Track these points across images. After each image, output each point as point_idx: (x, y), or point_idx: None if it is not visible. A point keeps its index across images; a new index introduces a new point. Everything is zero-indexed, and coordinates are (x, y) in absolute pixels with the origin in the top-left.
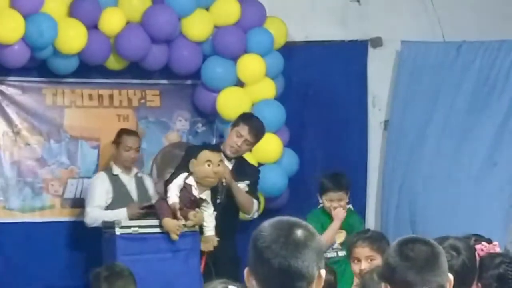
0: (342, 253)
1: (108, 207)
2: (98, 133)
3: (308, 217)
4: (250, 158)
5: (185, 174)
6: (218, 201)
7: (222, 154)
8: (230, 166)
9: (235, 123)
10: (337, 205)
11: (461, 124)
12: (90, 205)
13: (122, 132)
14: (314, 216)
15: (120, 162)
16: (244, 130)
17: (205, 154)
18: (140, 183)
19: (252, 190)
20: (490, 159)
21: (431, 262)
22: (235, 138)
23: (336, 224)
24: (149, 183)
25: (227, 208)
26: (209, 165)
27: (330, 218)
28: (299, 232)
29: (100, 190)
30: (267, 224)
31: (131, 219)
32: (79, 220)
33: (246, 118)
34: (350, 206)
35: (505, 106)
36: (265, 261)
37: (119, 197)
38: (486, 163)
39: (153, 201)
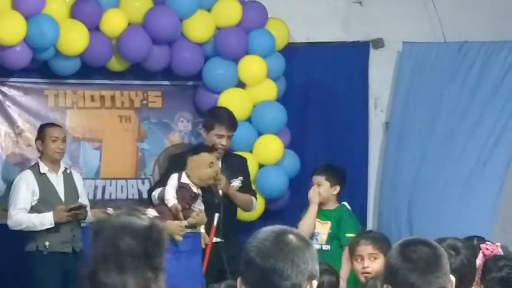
0: (326, 247)
1: (33, 208)
2: (100, 134)
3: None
4: (251, 159)
5: (176, 174)
6: (217, 201)
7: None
8: (219, 164)
9: (208, 127)
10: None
11: (462, 125)
12: (14, 207)
13: (44, 126)
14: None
15: (48, 157)
16: (222, 130)
17: (207, 157)
18: (68, 179)
19: (247, 185)
20: (489, 159)
21: (433, 264)
22: (217, 139)
23: (311, 207)
24: (78, 179)
25: (227, 208)
26: (211, 167)
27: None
28: (289, 237)
29: (24, 192)
30: (259, 231)
31: (57, 223)
32: None
33: (216, 116)
34: (344, 203)
35: (503, 106)
36: (252, 263)
37: (46, 197)
38: (483, 164)
39: (81, 199)
